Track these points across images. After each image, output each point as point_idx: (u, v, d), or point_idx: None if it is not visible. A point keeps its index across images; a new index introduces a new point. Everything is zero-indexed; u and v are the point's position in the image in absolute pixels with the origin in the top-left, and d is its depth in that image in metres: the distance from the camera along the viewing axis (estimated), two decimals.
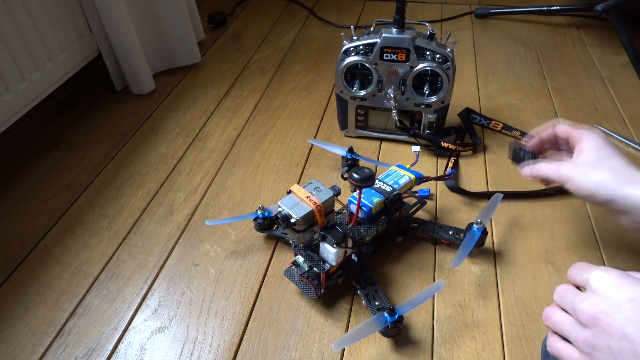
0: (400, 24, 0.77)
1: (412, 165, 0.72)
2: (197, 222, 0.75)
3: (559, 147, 0.63)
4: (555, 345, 0.39)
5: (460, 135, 0.90)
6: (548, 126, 0.62)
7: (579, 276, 0.39)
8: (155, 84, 1.10)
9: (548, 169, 0.56)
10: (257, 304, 0.63)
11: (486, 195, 0.77)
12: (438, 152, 0.87)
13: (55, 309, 0.63)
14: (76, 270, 0.68)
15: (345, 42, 0.81)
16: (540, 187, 0.78)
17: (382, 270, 0.66)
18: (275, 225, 0.71)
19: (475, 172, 0.82)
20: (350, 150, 0.80)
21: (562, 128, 0.59)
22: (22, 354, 0.58)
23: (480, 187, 0.79)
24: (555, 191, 0.77)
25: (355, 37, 0.80)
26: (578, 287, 0.40)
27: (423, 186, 0.75)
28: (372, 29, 0.82)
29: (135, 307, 0.63)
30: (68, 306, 0.63)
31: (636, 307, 0.34)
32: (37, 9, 0.85)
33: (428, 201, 0.76)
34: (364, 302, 0.59)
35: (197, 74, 1.16)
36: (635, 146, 0.86)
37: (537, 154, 0.64)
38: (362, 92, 0.84)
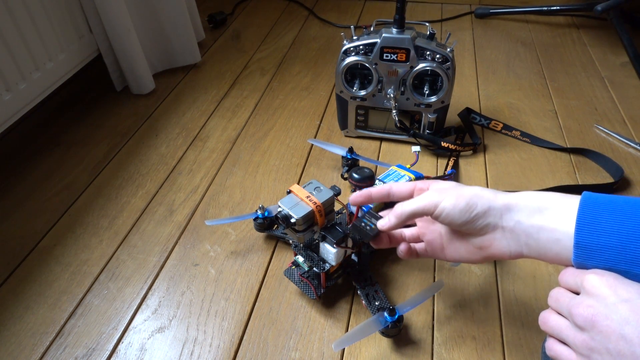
0: (400, 24, 0.77)
1: (412, 165, 0.72)
2: (197, 222, 0.75)
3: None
4: (554, 348, 0.39)
5: (460, 135, 0.90)
6: (381, 187, 0.53)
7: (572, 280, 0.39)
8: (155, 84, 1.10)
9: (412, 202, 0.47)
10: (257, 304, 0.63)
11: None
12: (438, 152, 0.87)
13: (55, 309, 0.63)
14: (76, 270, 0.68)
15: (345, 42, 0.81)
16: (541, 186, 0.78)
17: (382, 270, 0.66)
18: (275, 225, 0.71)
19: (475, 172, 0.82)
20: (350, 150, 0.80)
21: (404, 184, 0.52)
22: (22, 354, 0.58)
23: None
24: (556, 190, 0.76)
25: (355, 37, 0.80)
26: (571, 292, 0.40)
27: None
28: (372, 29, 0.82)
29: (135, 307, 0.63)
30: (68, 306, 0.63)
31: (632, 308, 0.34)
32: (37, 9, 0.85)
33: None
34: (364, 302, 0.59)
35: (197, 74, 1.16)
36: (635, 146, 0.86)
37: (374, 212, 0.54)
38: (362, 92, 0.84)
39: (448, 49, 0.78)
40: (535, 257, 0.43)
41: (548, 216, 0.41)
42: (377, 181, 0.67)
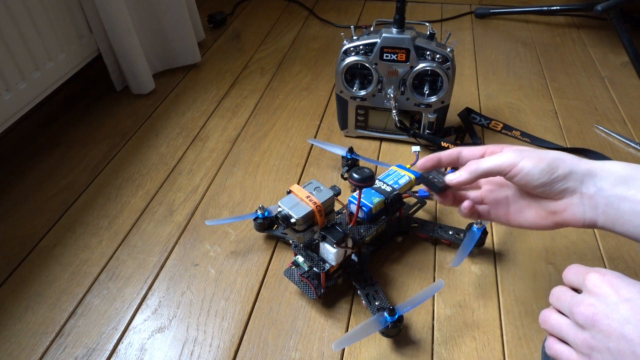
0: (400, 24, 0.77)
1: (412, 165, 0.72)
2: (197, 222, 0.75)
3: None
4: (554, 347, 0.39)
5: (460, 135, 0.90)
6: (452, 150, 0.53)
7: (575, 279, 0.39)
8: (155, 84, 1.10)
9: (489, 159, 0.46)
10: (257, 304, 0.63)
11: None
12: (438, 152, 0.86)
13: (55, 309, 0.63)
14: (76, 270, 0.68)
15: (345, 42, 0.81)
16: None
17: (382, 270, 0.66)
18: (275, 225, 0.71)
19: None
20: (350, 150, 0.80)
21: (475, 147, 0.50)
22: (22, 354, 0.58)
23: None
24: None
25: (355, 37, 0.80)
26: (574, 289, 0.40)
27: (423, 186, 0.75)
28: (372, 29, 0.82)
29: (135, 307, 0.63)
30: (68, 306, 0.63)
31: (633, 307, 0.34)
32: (37, 9, 0.85)
33: (428, 201, 0.76)
34: (364, 302, 0.59)
35: (197, 74, 1.16)
36: (635, 146, 0.86)
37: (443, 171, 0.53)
38: (362, 92, 0.84)
39: (448, 49, 0.78)
40: (609, 228, 0.41)
41: (633, 187, 0.40)
42: (377, 181, 0.67)
